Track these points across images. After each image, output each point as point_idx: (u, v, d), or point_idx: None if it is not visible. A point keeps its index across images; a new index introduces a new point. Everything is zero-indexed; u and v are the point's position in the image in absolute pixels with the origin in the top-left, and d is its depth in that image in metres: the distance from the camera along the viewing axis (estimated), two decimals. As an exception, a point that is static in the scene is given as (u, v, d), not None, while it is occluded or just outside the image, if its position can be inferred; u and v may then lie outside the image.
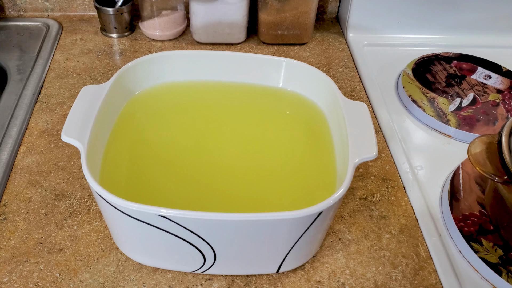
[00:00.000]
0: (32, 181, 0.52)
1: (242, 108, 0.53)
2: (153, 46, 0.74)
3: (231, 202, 0.44)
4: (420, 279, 0.46)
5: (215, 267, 0.43)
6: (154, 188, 0.45)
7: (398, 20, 0.77)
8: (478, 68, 0.71)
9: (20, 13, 0.78)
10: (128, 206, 0.36)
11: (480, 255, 0.46)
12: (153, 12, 0.72)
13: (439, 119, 0.61)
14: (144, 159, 0.47)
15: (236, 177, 0.46)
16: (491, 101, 0.65)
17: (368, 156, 0.41)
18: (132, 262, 0.45)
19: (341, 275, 0.45)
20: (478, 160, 0.44)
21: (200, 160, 0.47)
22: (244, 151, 0.49)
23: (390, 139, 0.60)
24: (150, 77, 0.53)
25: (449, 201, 0.51)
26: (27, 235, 0.47)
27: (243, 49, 0.74)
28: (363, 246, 0.48)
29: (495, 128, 0.61)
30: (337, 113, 0.47)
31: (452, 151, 0.59)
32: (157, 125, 0.51)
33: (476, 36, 0.78)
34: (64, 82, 0.66)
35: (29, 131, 0.58)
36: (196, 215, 0.36)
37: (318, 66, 0.71)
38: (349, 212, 0.51)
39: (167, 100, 0.53)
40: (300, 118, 0.53)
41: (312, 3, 0.71)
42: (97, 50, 0.72)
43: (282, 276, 0.45)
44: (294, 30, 0.73)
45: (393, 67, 0.72)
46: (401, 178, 0.55)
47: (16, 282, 0.43)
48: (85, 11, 0.79)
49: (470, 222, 0.49)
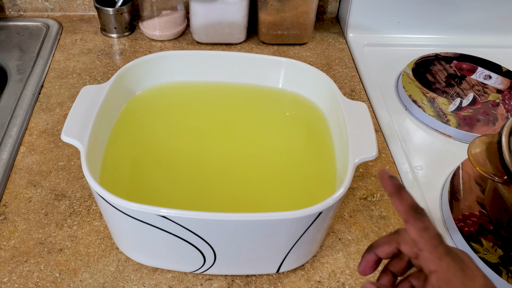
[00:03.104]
0: (32, 181, 0.52)
1: (242, 108, 0.53)
2: (153, 46, 0.74)
3: (231, 202, 0.44)
4: (420, 279, 0.46)
5: (215, 267, 0.43)
6: (154, 188, 0.45)
7: (398, 20, 0.77)
8: (478, 68, 0.71)
9: (20, 13, 0.78)
10: (128, 206, 0.36)
11: (480, 255, 0.46)
12: (153, 12, 0.72)
13: (439, 119, 0.61)
14: (144, 159, 0.47)
15: (236, 177, 0.46)
16: (491, 101, 0.65)
17: (368, 156, 0.41)
18: (132, 262, 0.45)
19: (341, 275, 0.45)
20: (478, 160, 0.44)
21: (199, 160, 0.47)
22: (244, 151, 0.49)
23: (390, 139, 0.60)
24: (150, 77, 0.53)
25: (449, 201, 0.51)
26: (27, 235, 0.47)
27: (243, 49, 0.74)
28: (363, 246, 0.48)
29: (495, 128, 0.61)
30: (337, 113, 0.47)
31: (452, 151, 0.59)
32: (157, 125, 0.51)
33: (476, 36, 0.78)
34: (64, 82, 0.66)
35: (29, 131, 0.58)
36: (196, 215, 0.36)
37: (318, 66, 0.71)
38: (349, 212, 0.51)
39: (167, 100, 0.53)
40: (300, 118, 0.53)
41: (312, 3, 0.71)
42: (97, 50, 0.72)
43: (282, 276, 0.45)
44: (294, 30, 0.73)
45: (393, 67, 0.72)
46: (401, 178, 0.55)
47: (16, 282, 0.43)
48: (85, 11, 0.79)
49: (470, 222, 0.49)
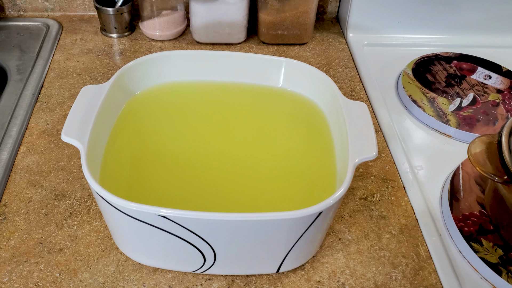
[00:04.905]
0: (32, 181, 0.52)
1: (242, 108, 0.53)
2: (153, 46, 0.74)
3: (231, 202, 0.44)
4: (420, 279, 0.46)
5: (215, 267, 0.43)
6: (154, 188, 0.45)
7: (398, 20, 0.77)
8: (478, 68, 0.71)
9: (20, 13, 0.78)
10: (128, 206, 0.36)
11: (480, 255, 0.46)
12: (153, 12, 0.72)
13: (439, 119, 0.61)
14: (144, 159, 0.47)
15: (236, 177, 0.46)
16: (491, 101, 0.65)
17: (368, 156, 0.41)
18: (132, 262, 0.45)
19: (341, 275, 0.45)
20: (478, 160, 0.44)
21: (199, 160, 0.47)
22: (244, 151, 0.49)
23: (390, 139, 0.60)
24: (150, 77, 0.53)
25: (449, 201, 0.51)
26: (27, 235, 0.47)
27: (243, 49, 0.74)
28: (363, 246, 0.48)
29: (495, 128, 0.61)
30: (337, 113, 0.47)
31: (452, 151, 0.59)
32: (157, 125, 0.51)
33: (476, 36, 0.78)
34: (64, 82, 0.66)
35: (29, 131, 0.58)
36: (196, 215, 0.36)
37: (318, 66, 0.71)
38: (349, 212, 0.51)
39: (167, 100, 0.53)
40: (300, 118, 0.53)
41: (312, 3, 0.71)
42: (97, 50, 0.72)
43: (282, 276, 0.45)
44: (294, 30, 0.73)
45: (393, 67, 0.72)
46: (401, 178, 0.55)
47: (16, 282, 0.43)
48: (85, 11, 0.79)
49: (470, 222, 0.49)
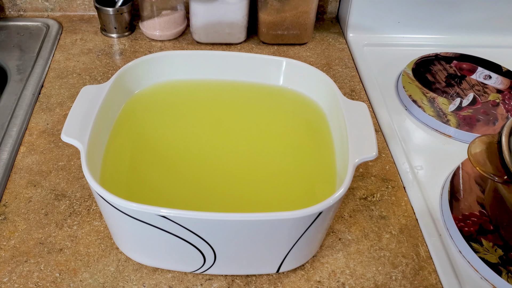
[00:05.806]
0: (32, 181, 0.52)
1: (242, 108, 0.53)
2: (153, 46, 0.74)
3: (231, 202, 0.44)
4: (420, 279, 0.46)
5: (215, 267, 0.43)
6: (154, 188, 0.45)
7: (398, 20, 0.77)
8: (478, 68, 0.71)
9: (20, 13, 0.78)
10: (128, 206, 0.36)
11: (480, 255, 0.46)
12: (153, 12, 0.72)
13: (439, 119, 0.61)
14: (144, 159, 0.47)
15: (236, 176, 0.46)
16: (491, 101, 0.65)
17: (368, 156, 0.41)
18: (132, 262, 0.45)
19: (341, 275, 0.45)
20: (478, 160, 0.44)
21: (200, 160, 0.47)
22: (244, 151, 0.49)
23: (390, 139, 0.60)
24: (150, 77, 0.53)
25: (449, 201, 0.51)
26: (27, 235, 0.47)
27: (243, 49, 0.74)
28: (363, 246, 0.48)
29: (495, 128, 0.61)
30: (337, 113, 0.47)
31: (452, 151, 0.59)
32: (157, 125, 0.51)
33: (476, 36, 0.78)
34: (64, 82, 0.66)
35: (29, 131, 0.58)
36: (196, 215, 0.36)
37: (318, 66, 0.71)
38: (349, 212, 0.51)
39: (167, 100, 0.53)
40: (300, 118, 0.53)
41: (312, 3, 0.71)
42: (97, 50, 0.72)
43: (282, 276, 0.45)
44: (294, 30, 0.73)
45: (393, 67, 0.72)
46: (401, 178, 0.55)
47: (16, 282, 0.43)
48: (85, 11, 0.79)
49: (470, 222, 0.49)
